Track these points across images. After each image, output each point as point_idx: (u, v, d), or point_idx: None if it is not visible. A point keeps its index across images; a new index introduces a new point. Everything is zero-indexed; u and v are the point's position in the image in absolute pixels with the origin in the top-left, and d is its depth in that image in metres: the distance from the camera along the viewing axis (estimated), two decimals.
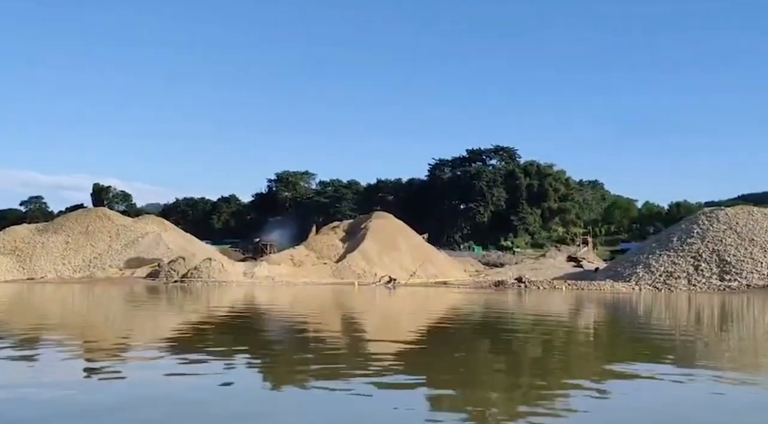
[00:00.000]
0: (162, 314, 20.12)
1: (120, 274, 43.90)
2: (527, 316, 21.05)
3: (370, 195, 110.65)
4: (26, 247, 50.29)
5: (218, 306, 23.74)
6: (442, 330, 16.01)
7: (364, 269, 42.91)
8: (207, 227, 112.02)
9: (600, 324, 18.92)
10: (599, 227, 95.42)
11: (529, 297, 29.96)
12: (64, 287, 36.63)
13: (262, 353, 11.44)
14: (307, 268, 42.45)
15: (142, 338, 13.67)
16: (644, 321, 19.82)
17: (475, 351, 12.03)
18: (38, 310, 22.00)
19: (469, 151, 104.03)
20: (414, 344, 12.72)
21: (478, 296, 30.32)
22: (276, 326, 16.74)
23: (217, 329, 15.55)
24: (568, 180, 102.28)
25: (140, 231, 53.28)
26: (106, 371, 9.24)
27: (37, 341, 12.26)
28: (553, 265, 51.74)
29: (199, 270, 34.89)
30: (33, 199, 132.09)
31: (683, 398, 7.88)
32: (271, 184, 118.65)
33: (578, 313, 22.47)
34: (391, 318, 20.70)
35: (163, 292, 30.96)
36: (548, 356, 11.82)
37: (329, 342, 12.58)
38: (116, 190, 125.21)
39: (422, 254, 47.07)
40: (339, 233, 50.32)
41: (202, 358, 10.30)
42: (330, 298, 28.62)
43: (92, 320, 18.62)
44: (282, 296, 29.53)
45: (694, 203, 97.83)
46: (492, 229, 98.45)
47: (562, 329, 16.69)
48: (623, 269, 35.88)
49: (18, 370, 9.21)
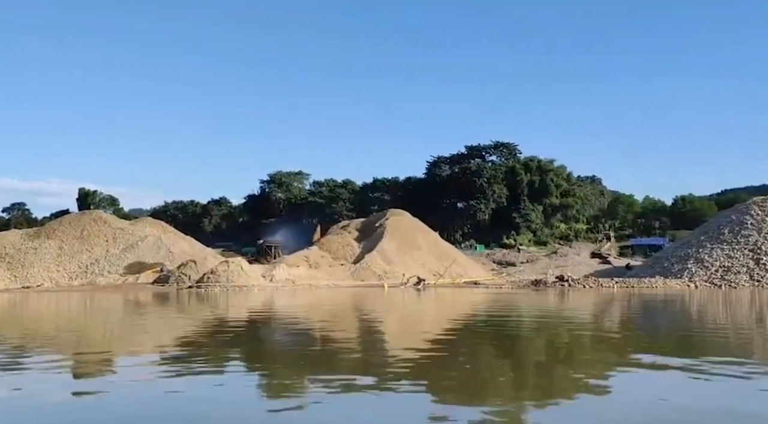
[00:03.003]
0: (196, 326, 17.27)
1: (123, 280, 40.79)
2: (606, 323, 18.52)
3: (366, 194, 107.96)
4: (17, 253, 46.98)
5: (253, 313, 20.90)
6: (529, 342, 13.39)
7: (384, 270, 40.27)
8: (197, 230, 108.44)
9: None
10: (603, 223, 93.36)
11: (577, 297, 27.51)
12: (63, 295, 33.37)
13: (330, 383, 8.76)
14: (324, 269, 39.67)
15: (182, 363, 10.90)
16: (747, 323, 17.42)
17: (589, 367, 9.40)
18: (50, 324, 19.03)
19: (468, 148, 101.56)
20: (525, 365, 10.09)
21: (525, 297, 27.81)
22: (336, 348, 14.01)
23: (269, 348, 12.81)
24: (569, 176, 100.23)
25: (139, 234, 50.16)
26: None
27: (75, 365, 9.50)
28: (579, 262, 49.42)
29: (216, 274, 31.86)
30: (15, 206, 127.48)
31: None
32: (263, 186, 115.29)
33: (665, 317, 20.02)
34: (455, 329, 18.02)
35: (178, 299, 27.98)
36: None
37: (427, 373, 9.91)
38: (102, 195, 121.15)
39: (443, 252, 44.54)
40: (352, 232, 47.57)
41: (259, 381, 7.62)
42: (366, 303, 25.88)
43: (121, 337, 15.74)
44: (310, 301, 26.73)
45: (698, 197, 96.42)
46: (493, 226, 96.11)
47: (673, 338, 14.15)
48: (670, 264, 33.56)
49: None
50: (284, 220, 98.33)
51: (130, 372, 8.66)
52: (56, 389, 7.41)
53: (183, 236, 55.40)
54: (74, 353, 10.85)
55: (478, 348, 11.42)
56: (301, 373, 8.47)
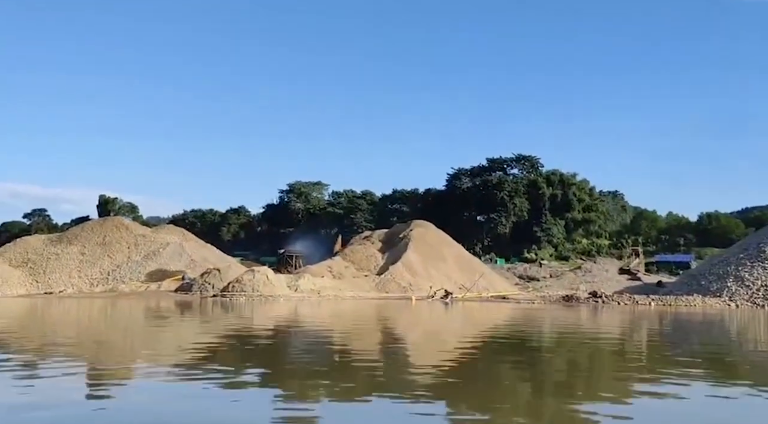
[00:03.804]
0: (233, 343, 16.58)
1: (145, 287, 40.33)
2: (664, 345, 17.56)
3: (385, 206, 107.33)
4: (39, 259, 46.79)
5: (285, 324, 20.20)
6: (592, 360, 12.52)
7: (409, 282, 39.47)
8: (215, 238, 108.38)
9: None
10: (626, 239, 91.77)
11: (615, 314, 26.53)
12: (86, 301, 32.91)
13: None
14: (348, 280, 38.95)
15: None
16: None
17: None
18: (76, 331, 18.47)
19: (490, 160, 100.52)
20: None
21: (561, 313, 26.88)
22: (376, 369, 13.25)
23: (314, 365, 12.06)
24: (591, 190, 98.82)
25: (160, 241, 49.83)
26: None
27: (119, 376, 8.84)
28: (608, 277, 48.22)
29: (241, 283, 31.21)
30: (36, 212, 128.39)
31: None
32: (282, 195, 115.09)
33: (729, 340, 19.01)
34: (496, 347, 17.17)
35: (201, 308, 27.37)
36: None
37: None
38: (123, 202, 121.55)
39: (468, 265, 43.65)
40: (376, 243, 46.84)
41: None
42: (395, 317, 25.09)
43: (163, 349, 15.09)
44: (338, 312, 25.99)
45: (724, 214, 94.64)
46: (514, 240, 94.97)
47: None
48: (708, 283, 32.43)
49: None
50: (303, 230, 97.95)
51: (145, 382, 7.98)
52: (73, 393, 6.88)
53: (204, 244, 55.10)
54: (94, 363, 10.21)
55: (528, 371, 10.61)
56: (338, 392, 7.72)
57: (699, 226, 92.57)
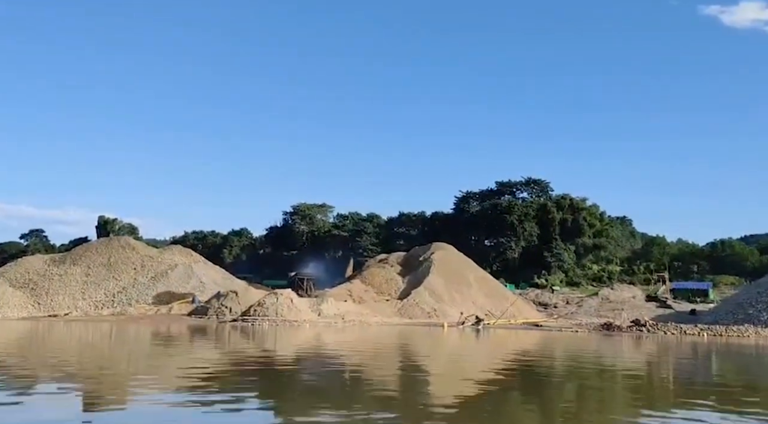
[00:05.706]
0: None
1: (155, 310, 38.24)
2: None
3: (391, 229, 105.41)
4: (41, 280, 44.59)
5: (338, 362, 18.23)
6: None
7: (433, 307, 37.52)
8: (217, 261, 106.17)
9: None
10: (638, 265, 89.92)
11: (671, 345, 24.63)
12: (96, 325, 30.71)
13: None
14: (370, 304, 36.98)
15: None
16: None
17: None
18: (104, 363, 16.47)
19: (499, 184, 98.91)
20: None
21: (607, 343, 24.97)
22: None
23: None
24: (602, 215, 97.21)
25: (168, 262, 47.74)
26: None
27: None
28: (635, 304, 46.34)
29: (263, 307, 29.12)
30: (33, 232, 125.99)
31: None
32: (286, 217, 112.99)
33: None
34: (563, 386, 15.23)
35: (217, 334, 25.29)
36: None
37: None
38: (122, 223, 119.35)
39: (493, 290, 41.80)
40: (394, 266, 44.91)
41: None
42: (436, 348, 23.11)
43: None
44: (374, 339, 23.97)
45: (737, 240, 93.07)
46: (523, 265, 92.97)
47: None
48: (757, 312, 30.63)
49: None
50: (307, 253, 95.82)
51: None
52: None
53: (212, 266, 53.10)
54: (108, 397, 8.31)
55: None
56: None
57: (712, 253, 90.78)
